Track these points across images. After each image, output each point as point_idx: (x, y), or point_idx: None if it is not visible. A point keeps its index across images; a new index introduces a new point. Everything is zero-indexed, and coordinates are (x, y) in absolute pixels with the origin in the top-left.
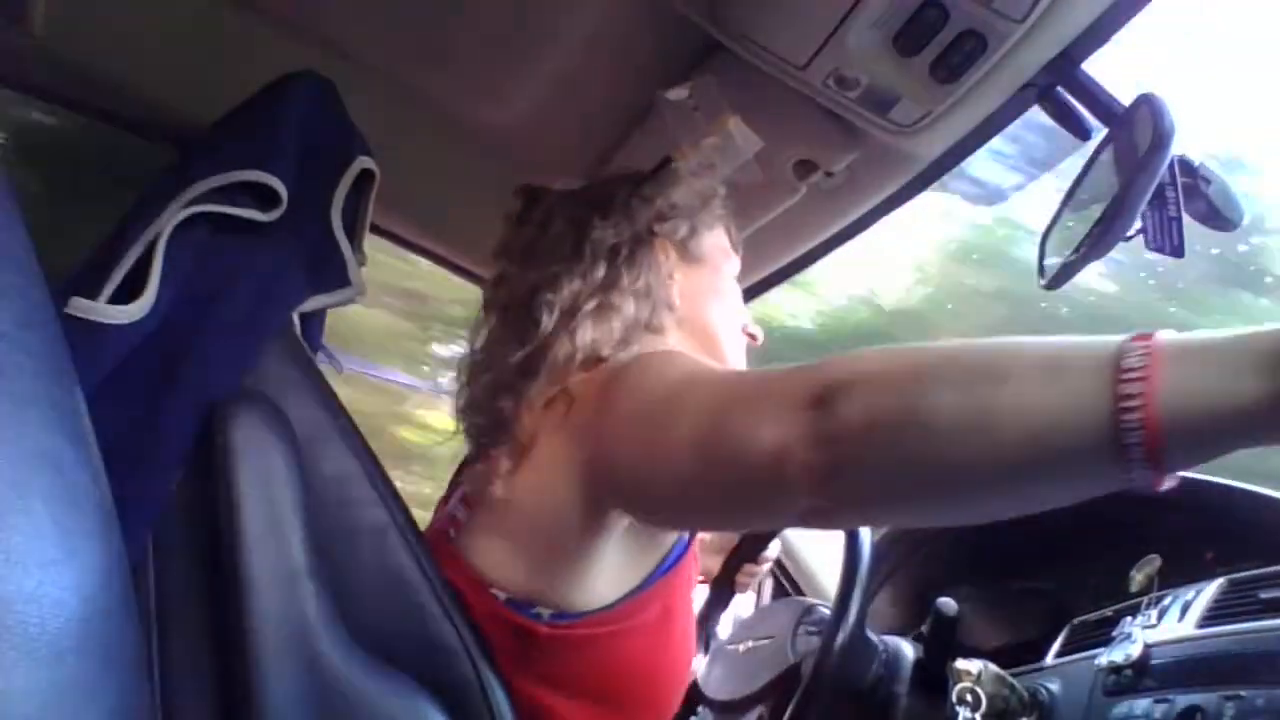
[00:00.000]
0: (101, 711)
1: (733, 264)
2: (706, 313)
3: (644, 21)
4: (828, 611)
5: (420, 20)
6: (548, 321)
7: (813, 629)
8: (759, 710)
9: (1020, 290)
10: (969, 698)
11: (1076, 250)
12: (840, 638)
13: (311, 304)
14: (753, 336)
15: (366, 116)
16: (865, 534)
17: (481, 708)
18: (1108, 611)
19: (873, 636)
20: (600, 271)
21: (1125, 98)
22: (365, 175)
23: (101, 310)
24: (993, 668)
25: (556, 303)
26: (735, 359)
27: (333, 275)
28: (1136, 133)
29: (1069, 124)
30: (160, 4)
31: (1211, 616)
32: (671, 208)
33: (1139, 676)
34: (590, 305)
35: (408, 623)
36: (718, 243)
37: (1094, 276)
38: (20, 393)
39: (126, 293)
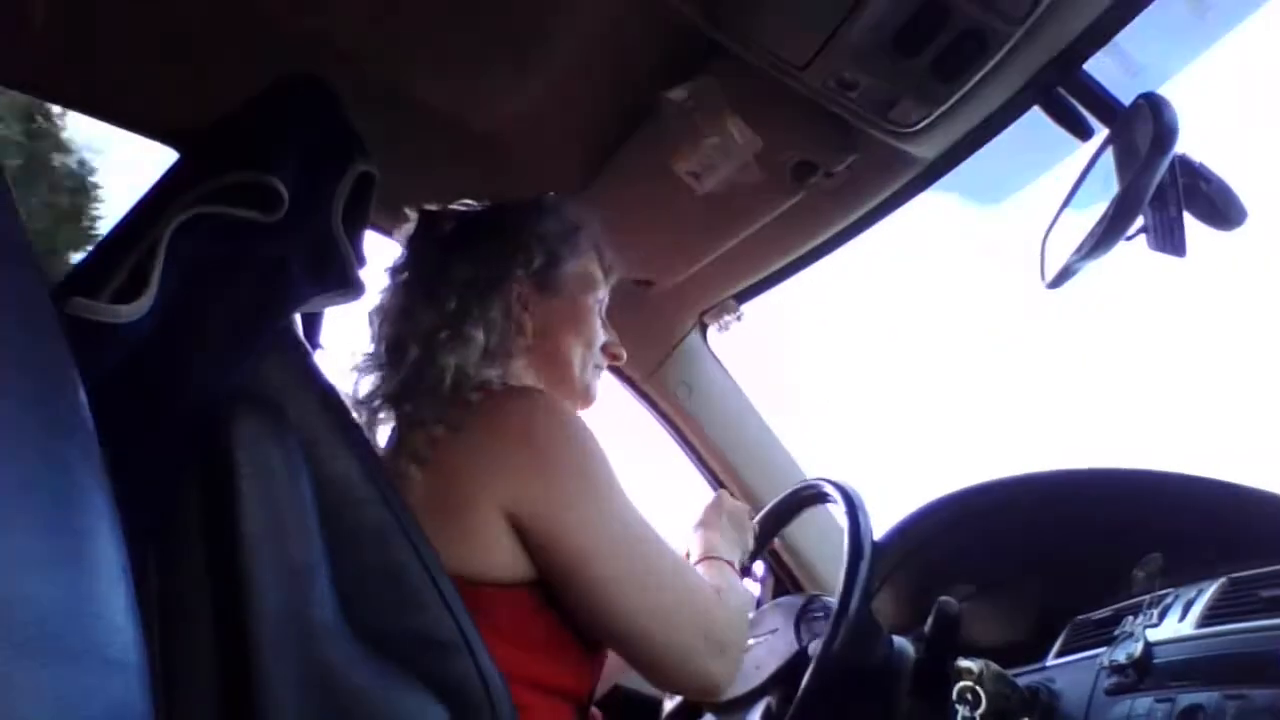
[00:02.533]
0: (101, 713)
1: (596, 293)
2: (558, 342)
3: (644, 23)
4: (831, 600)
5: (419, 22)
6: (411, 353)
7: (817, 615)
8: (767, 701)
9: None
10: (970, 697)
11: (1078, 250)
12: (851, 608)
13: (312, 305)
14: (615, 356)
15: (366, 118)
16: (867, 530)
17: (483, 703)
18: (1109, 610)
19: (878, 620)
20: (452, 304)
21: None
22: (365, 177)
23: (102, 309)
24: (994, 667)
25: (415, 335)
26: (585, 381)
27: (334, 276)
28: (1137, 133)
29: (1069, 124)
30: (160, 4)
31: (1213, 615)
32: (532, 239)
33: (1141, 676)
34: (443, 335)
35: (409, 620)
36: (580, 273)
37: None
38: (21, 392)
39: (127, 293)
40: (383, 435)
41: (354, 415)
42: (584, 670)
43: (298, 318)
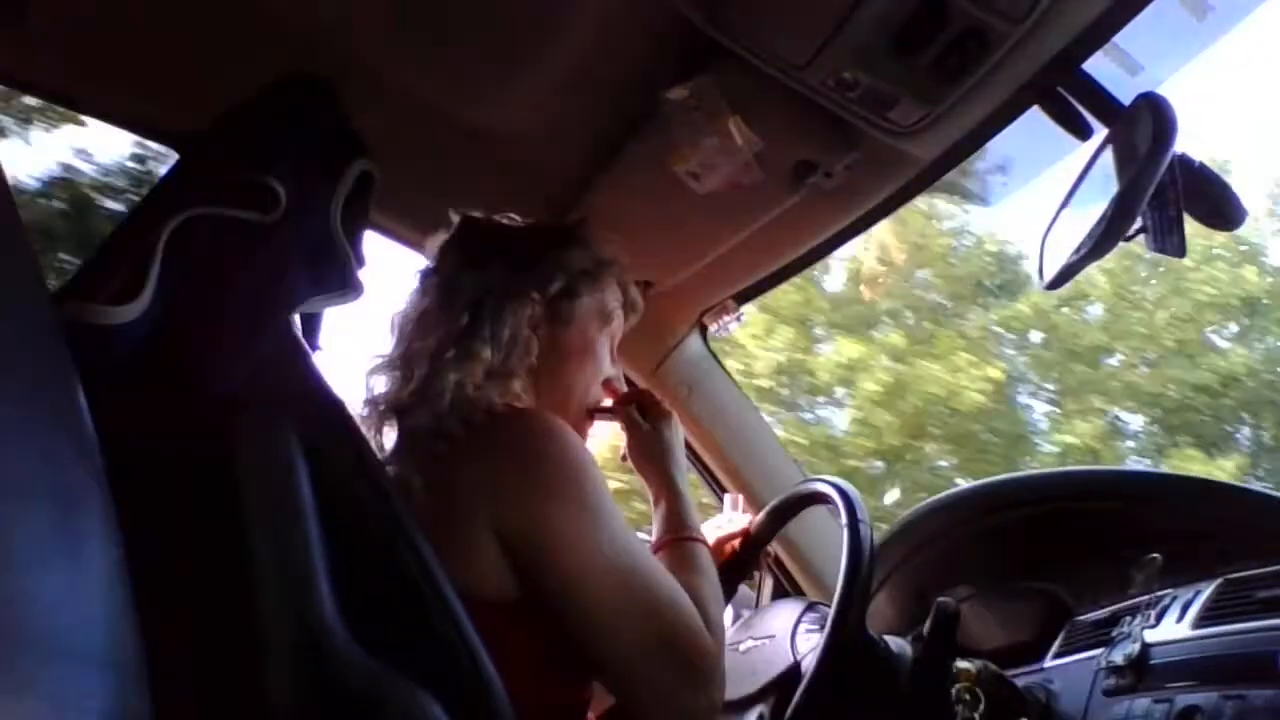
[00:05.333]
0: (101, 713)
1: (609, 327)
2: (562, 372)
3: (644, 22)
4: (828, 610)
5: (420, 21)
6: (420, 367)
7: (813, 628)
8: (760, 709)
9: None
10: (968, 697)
11: (1077, 251)
12: (841, 636)
13: (312, 305)
14: (614, 391)
15: (366, 118)
16: (866, 532)
17: (482, 706)
18: (1107, 612)
19: (873, 635)
20: (464, 319)
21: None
22: (365, 177)
23: (100, 311)
24: (992, 668)
25: (425, 349)
26: (579, 410)
27: (333, 277)
28: (1137, 132)
29: (1069, 124)
30: (160, 3)
31: (1210, 616)
32: (555, 265)
33: (1138, 676)
34: (450, 353)
35: (410, 620)
36: (596, 307)
37: None
38: (22, 394)
39: (125, 294)
40: (388, 438)
41: (355, 417)
42: (578, 687)
43: (297, 318)
